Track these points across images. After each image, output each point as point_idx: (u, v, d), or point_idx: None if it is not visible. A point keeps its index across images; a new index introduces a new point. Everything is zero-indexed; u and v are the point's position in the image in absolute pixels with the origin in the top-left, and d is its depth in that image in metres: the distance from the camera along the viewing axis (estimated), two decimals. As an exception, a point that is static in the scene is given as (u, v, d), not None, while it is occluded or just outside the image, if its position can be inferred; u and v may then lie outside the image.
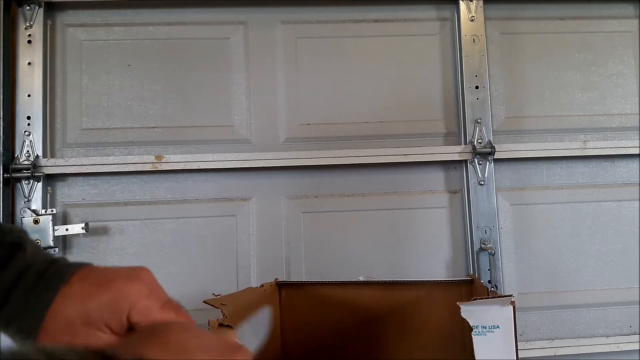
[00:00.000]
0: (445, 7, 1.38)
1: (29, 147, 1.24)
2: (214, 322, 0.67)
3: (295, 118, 1.33)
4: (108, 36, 1.32)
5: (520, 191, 1.34)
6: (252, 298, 0.88)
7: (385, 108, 1.34)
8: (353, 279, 1.04)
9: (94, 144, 1.29)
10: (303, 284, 1.05)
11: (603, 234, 1.34)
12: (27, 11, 1.26)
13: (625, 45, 1.39)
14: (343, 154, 1.27)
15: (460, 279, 1.00)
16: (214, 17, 1.34)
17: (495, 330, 0.70)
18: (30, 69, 1.26)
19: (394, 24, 1.37)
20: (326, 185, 1.32)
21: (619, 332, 1.31)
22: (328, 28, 1.36)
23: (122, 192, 1.28)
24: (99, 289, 0.33)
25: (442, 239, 1.32)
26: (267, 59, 1.34)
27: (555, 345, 1.28)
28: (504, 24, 1.38)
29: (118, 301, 0.33)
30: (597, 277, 1.32)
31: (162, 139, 1.30)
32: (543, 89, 1.37)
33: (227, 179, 1.30)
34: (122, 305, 0.33)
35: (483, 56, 1.33)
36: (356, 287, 1.02)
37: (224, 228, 1.29)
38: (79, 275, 0.34)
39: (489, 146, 1.28)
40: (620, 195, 1.35)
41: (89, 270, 0.35)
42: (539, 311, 1.31)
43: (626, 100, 1.38)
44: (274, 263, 1.28)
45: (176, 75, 1.32)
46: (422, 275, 1.29)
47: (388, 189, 1.32)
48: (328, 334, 1.00)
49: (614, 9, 1.40)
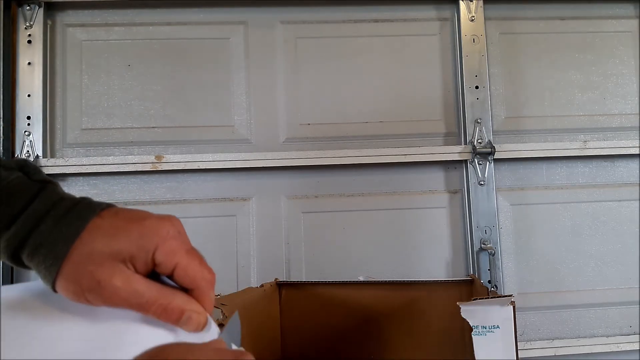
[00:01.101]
0: (445, 7, 1.38)
1: (29, 147, 1.24)
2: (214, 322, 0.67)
3: (295, 118, 1.33)
4: (108, 36, 1.32)
5: (520, 191, 1.34)
6: (252, 298, 0.88)
7: (385, 108, 1.34)
8: (353, 279, 1.04)
9: (94, 144, 1.29)
10: (303, 284, 1.05)
11: (603, 234, 1.34)
12: (27, 11, 1.26)
13: (625, 45, 1.39)
14: (343, 154, 1.27)
15: (460, 279, 1.00)
16: (214, 17, 1.34)
17: (495, 330, 0.70)
18: (30, 69, 1.26)
19: (393, 24, 1.37)
20: (326, 185, 1.32)
21: (619, 332, 1.31)
22: (328, 28, 1.36)
23: (122, 192, 1.28)
24: (129, 224, 0.34)
25: (442, 239, 1.32)
26: (267, 59, 1.34)
27: (555, 345, 1.28)
28: (504, 24, 1.38)
29: (146, 237, 0.33)
30: (597, 277, 1.32)
31: (162, 139, 1.30)
32: (543, 89, 1.37)
33: (227, 179, 1.30)
34: (150, 242, 0.33)
35: (483, 56, 1.33)
36: (356, 287, 1.02)
37: (224, 228, 1.29)
38: (110, 210, 0.35)
39: (489, 146, 1.28)
40: (620, 195, 1.35)
41: (120, 209, 0.35)
42: (539, 311, 1.31)
43: (626, 100, 1.38)
44: (274, 263, 1.28)
45: (176, 75, 1.32)
46: (422, 275, 1.29)
47: (388, 189, 1.32)
48: (328, 334, 1.00)
49: (614, 9, 1.40)
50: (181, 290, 0.35)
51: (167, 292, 0.34)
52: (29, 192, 0.35)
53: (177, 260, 0.34)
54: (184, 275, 0.34)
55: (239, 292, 0.91)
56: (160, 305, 0.33)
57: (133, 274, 0.33)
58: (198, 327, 0.35)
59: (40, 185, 0.35)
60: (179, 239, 0.35)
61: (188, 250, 0.35)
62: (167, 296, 0.33)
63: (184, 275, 0.34)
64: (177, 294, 0.34)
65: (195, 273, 0.35)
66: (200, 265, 0.35)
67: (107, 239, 0.33)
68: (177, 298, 0.34)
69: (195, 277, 0.35)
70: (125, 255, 0.32)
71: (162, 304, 0.33)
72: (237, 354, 0.34)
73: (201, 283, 0.35)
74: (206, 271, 0.36)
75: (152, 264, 0.33)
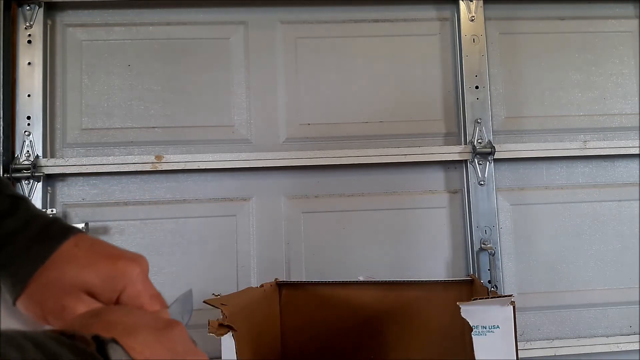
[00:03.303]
0: (445, 7, 1.38)
1: (29, 147, 1.24)
2: (214, 322, 0.67)
3: (295, 118, 1.33)
4: (108, 36, 1.32)
5: (520, 191, 1.34)
6: (252, 298, 0.88)
7: (385, 108, 1.34)
8: (353, 279, 1.04)
9: (94, 144, 1.29)
10: (303, 284, 1.05)
11: (603, 234, 1.34)
12: (27, 11, 1.26)
13: (625, 45, 1.39)
14: (343, 154, 1.27)
15: (460, 279, 1.01)
16: (214, 17, 1.34)
17: (495, 330, 0.70)
18: (30, 69, 1.26)
19: (394, 24, 1.37)
20: (326, 185, 1.32)
21: (619, 332, 1.31)
22: (328, 28, 1.36)
23: (122, 192, 1.28)
24: (103, 260, 0.35)
25: (442, 239, 1.32)
26: (267, 59, 1.34)
27: (555, 345, 1.28)
28: (504, 24, 1.38)
29: (116, 279, 0.35)
30: (597, 277, 1.32)
31: (162, 139, 1.30)
32: (543, 89, 1.37)
33: (227, 179, 1.30)
34: (118, 284, 0.35)
35: (483, 56, 1.33)
36: (356, 287, 1.02)
37: (224, 228, 1.29)
38: (85, 240, 0.36)
39: (489, 146, 1.28)
40: (620, 195, 1.35)
41: (94, 240, 0.37)
42: (539, 311, 1.31)
43: (626, 100, 1.38)
44: (274, 263, 1.28)
45: (176, 75, 1.32)
46: (422, 275, 1.29)
47: (388, 189, 1.32)
48: (328, 334, 1.00)
49: (614, 9, 1.40)
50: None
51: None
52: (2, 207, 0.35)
53: (140, 303, 0.36)
54: None
55: (239, 292, 0.91)
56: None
57: (96, 304, 0.34)
58: None
59: (12, 201, 0.36)
60: (145, 284, 0.36)
61: (152, 295, 0.37)
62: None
63: None
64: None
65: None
66: (160, 311, 0.37)
67: (78, 268, 0.34)
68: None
69: None
70: (92, 288, 0.34)
71: None
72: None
73: None
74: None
75: (115, 302, 0.35)
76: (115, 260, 0.35)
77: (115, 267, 0.35)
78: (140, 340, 0.30)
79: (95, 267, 0.34)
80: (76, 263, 0.34)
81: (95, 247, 0.36)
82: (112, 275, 0.34)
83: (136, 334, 0.30)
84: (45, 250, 0.34)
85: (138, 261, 0.36)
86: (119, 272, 0.35)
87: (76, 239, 0.35)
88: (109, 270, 0.34)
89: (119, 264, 0.35)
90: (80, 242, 0.36)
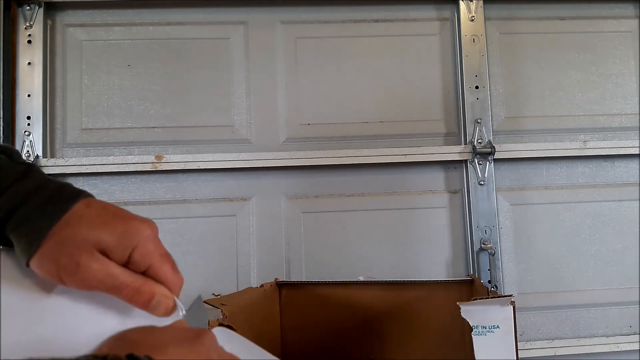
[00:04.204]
0: (445, 7, 1.38)
1: (29, 147, 1.24)
2: (214, 322, 0.67)
3: (295, 118, 1.33)
4: (108, 36, 1.32)
5: (520, 191, 1.34)
6: (252, 298, 0.88)
7: (385, 108, 1.34)
8: (353, 279, 1.04)
9: (94, 144, 1.29)
10: (303, 284, 1.05)
11: (603, 234, 1.34)
12: (27, 11, 1.26)
13: (625, 45, 1.39)
14: (343, 154, 1.27)
15: (460, 279, 1.00)
16: (214, 17, 1.34)
17: (495, 330, 0.70)
18: (30, 69, 1.26)
19: (394, 24, 1.37)
20: (326, 185, 1.32)
21: (619, 332, 1.31)
22: (328, 28, 1.36)
23: (122, 192, 1.28)
24: (115, 219, 0.36)
25: (442, 239, 1.32)
26: (267, 59, 1.34)
27: (555, 345, 1.28)
28: (504, 24, 1.38)
29: (129, 235, 0.35)
30: (597, 277, 1.32)
31: (162, 139, 1.30)
32: (543, 89, 1.37)
33: (227, 179, 1.30)
34: (131, 240, 0.35)
35: (483, 56, 1.33)
36: (356, 287, 1.02)
37: (224, 228, 1.29)
38: (98, 202, 0.37)
39: (489, 146, 1.28)
40: (620, 195, 1.35)
41: (106, 203, 0.38)
42: (539, 311, 1.31)
43: (626, 100, 1.38)
44: (274, 263, 1.28)
45: (176, 75, 1.32)
46: (422, 275, 1.29)
47: (388, 189, 1.32)
48: (328, 334, 1.00)
49: (614, 9, 1.40)
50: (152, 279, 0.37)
51: (140, 277, 0.36)
52: (16, 172, 0.37)
53: (151, 261, 0.36)
54: (155, 276, 0.37)
55: (239, 292, 0.91)
56: (133, 288, 0.35)
57: (109, 261, 0.35)
58: (167, 311, 0.37)
59: (25, 167, 0.37)
60: (156, 243, 0.37)
61: (162, 254, 0.38)
62: (140, 280, 0.36)
63: (155, 276, 0.37)
64: (149, 280, 0.37)
65: (166, 276, 0.37)
66: (172, 269, 0.38)
67: (91, 226, 0.35)
68: (149, 282, 0.36)
69: (166, 280, 0.37)
70: (105, 245, 0.34)
71: (135, 287, 0.35)
72: (198, 331, 0.36)
73: (169, 285, 0.38)
74: (176, 276, 0.38)
75: (127, 260, 0.36)
76: (128, 220, 0.36)
77: (128, 226, 0.36)
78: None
79: (108, 226, 0.35)
80: (89, 222, 0.35)
81: (108, 208, 0.37)
82: (124, 232, 0.35)
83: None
84: (58, 209, 0.35)
85: (149, 222, 0.37)
86: (131, 229, 0.36)
87: (88, 200, 0.36)
88: (122, 228, 0.35)
89: (132, 223, 0.36)
90: (93, 203, 0.36)
